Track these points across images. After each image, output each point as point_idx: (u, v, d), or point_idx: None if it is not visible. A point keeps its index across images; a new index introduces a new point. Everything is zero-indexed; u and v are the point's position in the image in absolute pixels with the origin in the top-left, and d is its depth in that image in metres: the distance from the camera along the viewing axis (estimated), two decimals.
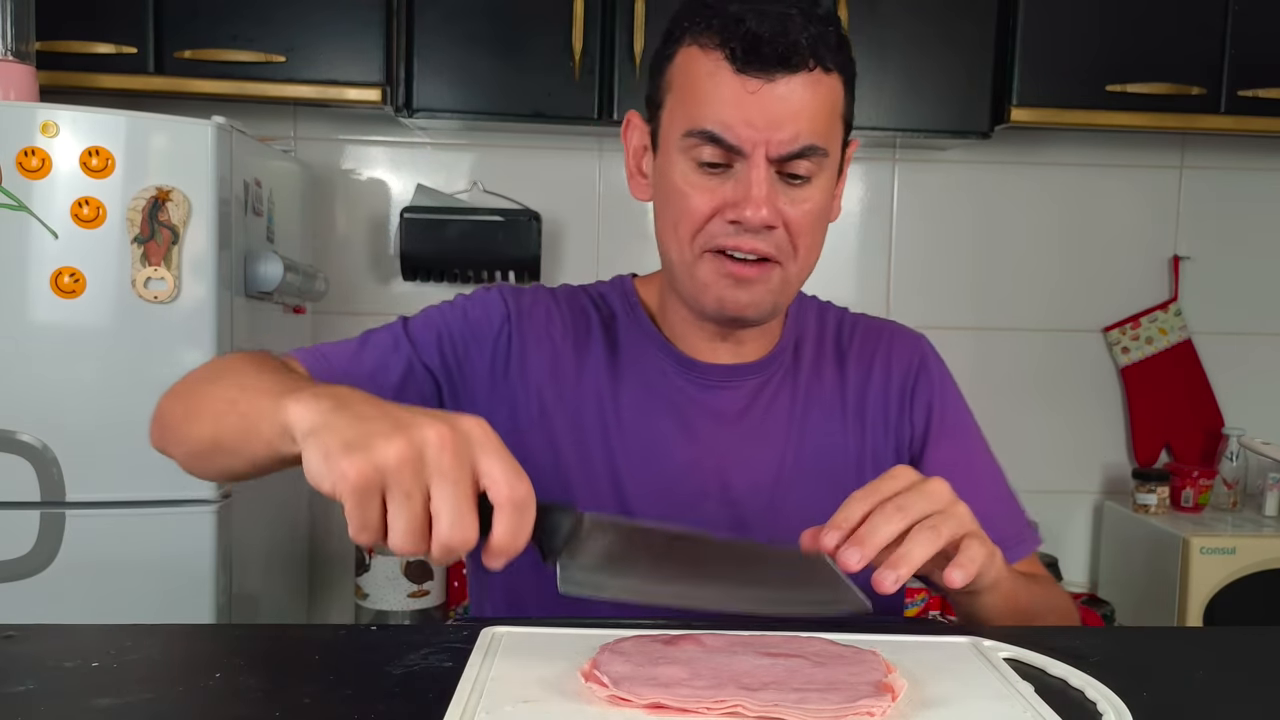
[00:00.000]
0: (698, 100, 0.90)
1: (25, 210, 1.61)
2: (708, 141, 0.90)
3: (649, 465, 0.99)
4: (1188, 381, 2.51)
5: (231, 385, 0.79)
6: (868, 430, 1.04)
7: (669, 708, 0.61)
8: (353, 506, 0.62)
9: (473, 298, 1.04)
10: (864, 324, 1.11)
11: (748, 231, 0.91)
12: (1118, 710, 0.63)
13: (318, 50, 2.04)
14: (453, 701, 0.61)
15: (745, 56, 0.88)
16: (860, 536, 0.74)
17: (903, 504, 0.76)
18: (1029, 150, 2.46)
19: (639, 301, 1.06)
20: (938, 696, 0.65)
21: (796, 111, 0.89)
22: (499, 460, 0.64)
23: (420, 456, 0.62)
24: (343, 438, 0.63)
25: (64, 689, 0.66)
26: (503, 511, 0.63)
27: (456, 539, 0.62)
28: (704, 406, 1.01)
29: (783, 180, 0.92)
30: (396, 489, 0.62)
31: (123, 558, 1.64)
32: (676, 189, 0.93)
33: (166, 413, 0.89)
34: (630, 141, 1.02)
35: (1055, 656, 0.72)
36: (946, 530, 0.76)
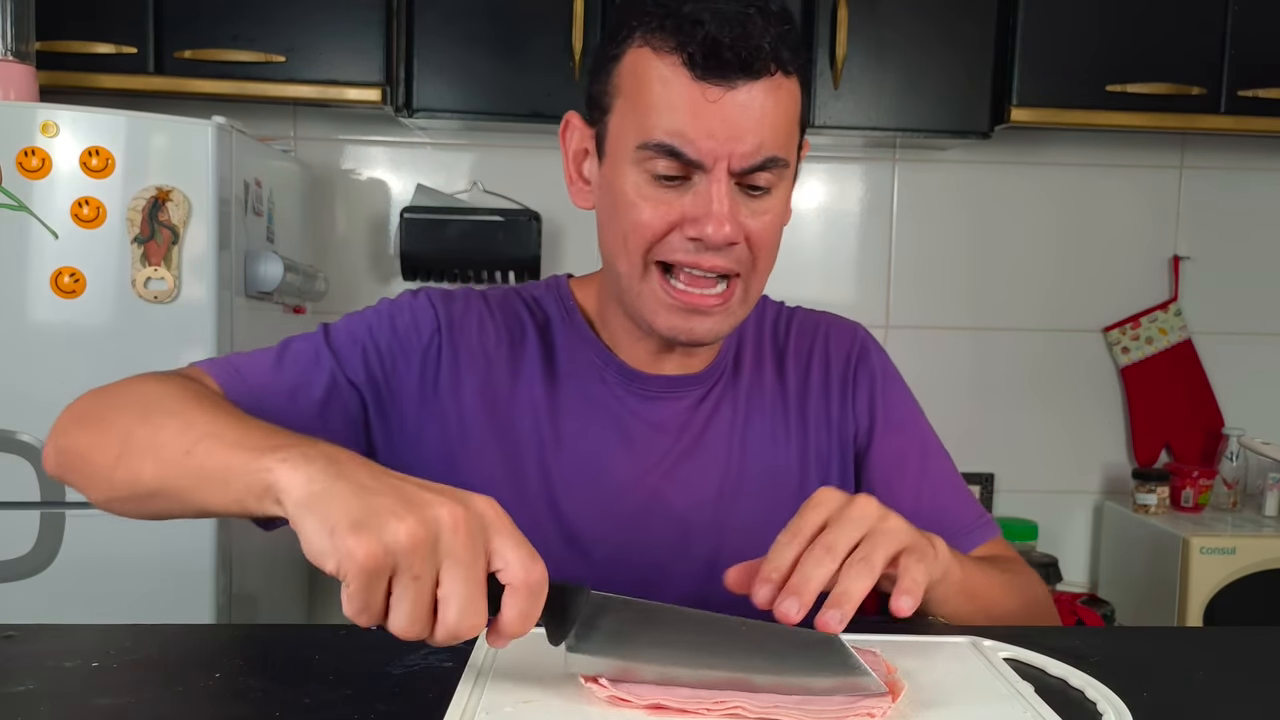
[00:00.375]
0: (652, 108, 0.84)
1: (25, 210, 1.61)
2: (665, 155, 0.84)
3: (589, 483, 0.94)
4: (1188, 381, 2.51)
5: (177, 429, 0.72)
6: (810, 431, 1.00)
7: (669, 708, 0.61)
8: (358, 589, 0.58)
9: (399, 305, 0.97)
10: (799, 318, 1.06)
11: (708, 249, 0.86)
12: (1118, 710, 0.63)
13: (318, 50, 2.04)
14: (453, 702, 0.61)
15: (705, 62, 0.82)
16: (794, 586, 0.71)
17: (831, 542, 0.72)
18: (1029, 150, 2.46)
19: (576, 305, 1.00)
20: (938, 696, 0.65)
21: (759, 121, 0.84)
22: (513, 543, 0.61)
23: (433, 538, 0.58)
24: (349, 514, 0.59)
25: (64, 689, 0.66)
26: (516, 596, 0.60)
27: (464, 627, 0.59)
28: (645, 419, 0.96)
29: (743, 191, 0.87)
30: (406, 573, 0.58)
31: (123, 558, 1.64)
32: (628, 200, 0.87)
33: (79, 445, 0.79)
34: (569, 144, 0.95)
35: (1055, 656, 0.72)
36: (880, 556, 0.72)
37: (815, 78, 2.12)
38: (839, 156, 2.46)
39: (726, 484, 0.96)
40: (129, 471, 0.73)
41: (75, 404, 0.83)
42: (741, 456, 0.97)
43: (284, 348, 0.93)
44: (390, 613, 0.59)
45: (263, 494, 0.64)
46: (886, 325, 2.48)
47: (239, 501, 0.66)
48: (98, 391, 0.83)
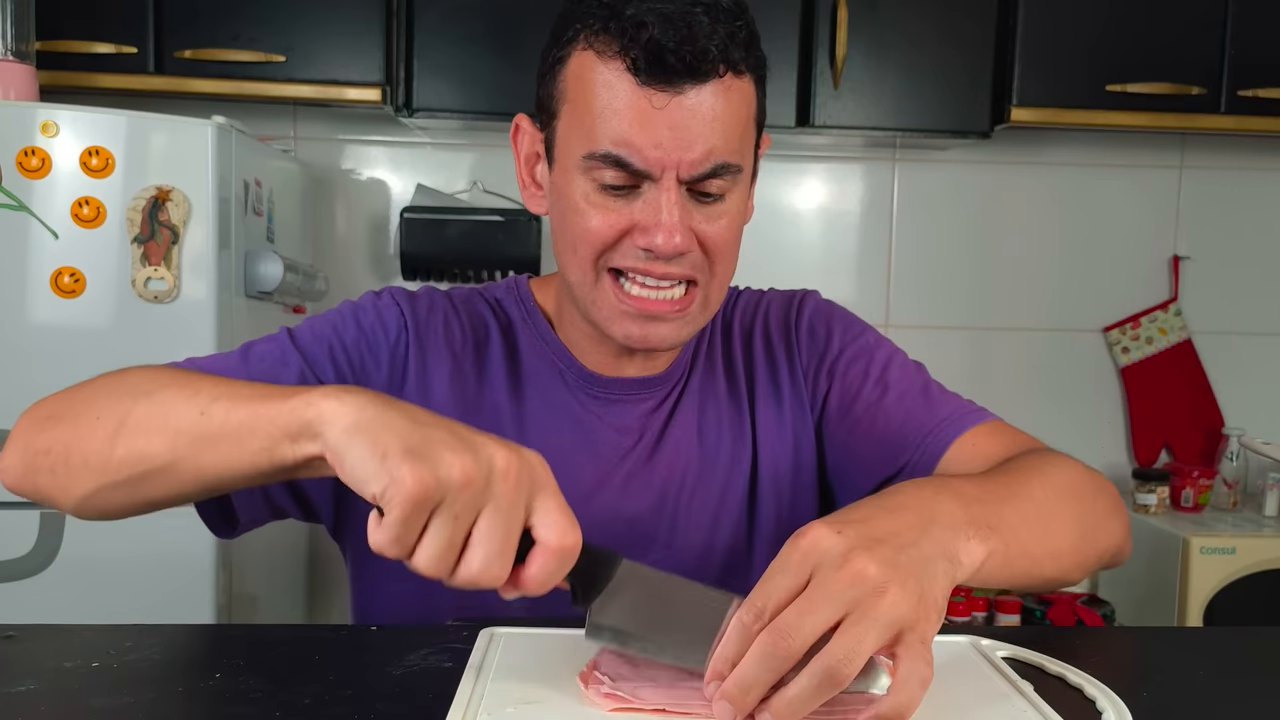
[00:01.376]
0: (598, 117, 0.81)
1: (25, 210, 1.61)
2: (611, 165, 0.81)
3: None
4: (1188, 381, 2.51)
5: (183, 398, 0.70)
6: (759, 414, 0.97)
7: (670, 711, 0.61)
8: (398, 517, 0.57)
9: (363, 305, 0.94)
10: (743, 301, 1.03)
11: (659, 258, 0.83)
12: (1117, 708, 0.63)
13: (317, 50, 2.04)
14: (454, 704, 0.61)
15: (649, 68, 0.79)
16: (727, 692, 0.58)
17: (789, 628, 0.57)
18: (1029, 150, 2.46)
19: (536, 306, 0.98)
20: (937, 695, 0.64)
21: (708, 126, 0.80)
22: (556, 503, 0.60)
23: (485, 479, 0.58)
24: (405, 440, 0.58)
25: (64, 689, 0.66)
26: (547, 557, 0.59)
27: (485, 577, 0.58)
28: (607, 423, 0.94)
29: (694, 198, 0.84)
30: (448, 509, 0.57)
31: (123, 558, 1.64)
32: (577, 209, 0.84)
33: (58, 441, 0.74)
34: (520, 148, 0.93)
35: (1054, 655, 0.72)
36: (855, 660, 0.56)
37: (815, 78, 2.13)
38: (839, 156, 2.46)
39: (685, 485, 0.95)
40: (130, 450, 0.70)
41: (35, 409, 0.79)
42: (699, 455, 0.96)
43: (246, 350, 0.90)
44: (419, 548, 0.58)
45: (300, 431, 0.62)
46: (886, 325, 2.48)
47: (267, 449, 0.64)
48: (57, 396, 0.79)
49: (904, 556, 0.60)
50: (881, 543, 0.60)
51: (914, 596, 0.59)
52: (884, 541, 0.60)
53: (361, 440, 0.59)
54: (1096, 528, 0.84)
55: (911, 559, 0.60)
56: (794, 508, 0.98)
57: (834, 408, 0.98)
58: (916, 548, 0.61)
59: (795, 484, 0.98)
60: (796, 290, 1.04)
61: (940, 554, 0.63)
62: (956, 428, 0.92)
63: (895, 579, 0.58)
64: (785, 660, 0.57)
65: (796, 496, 0.98)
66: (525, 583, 0.60)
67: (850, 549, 0.59)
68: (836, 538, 0.60)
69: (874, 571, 0.58)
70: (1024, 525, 0.73)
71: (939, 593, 0.61)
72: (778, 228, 2.43)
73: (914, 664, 0.58)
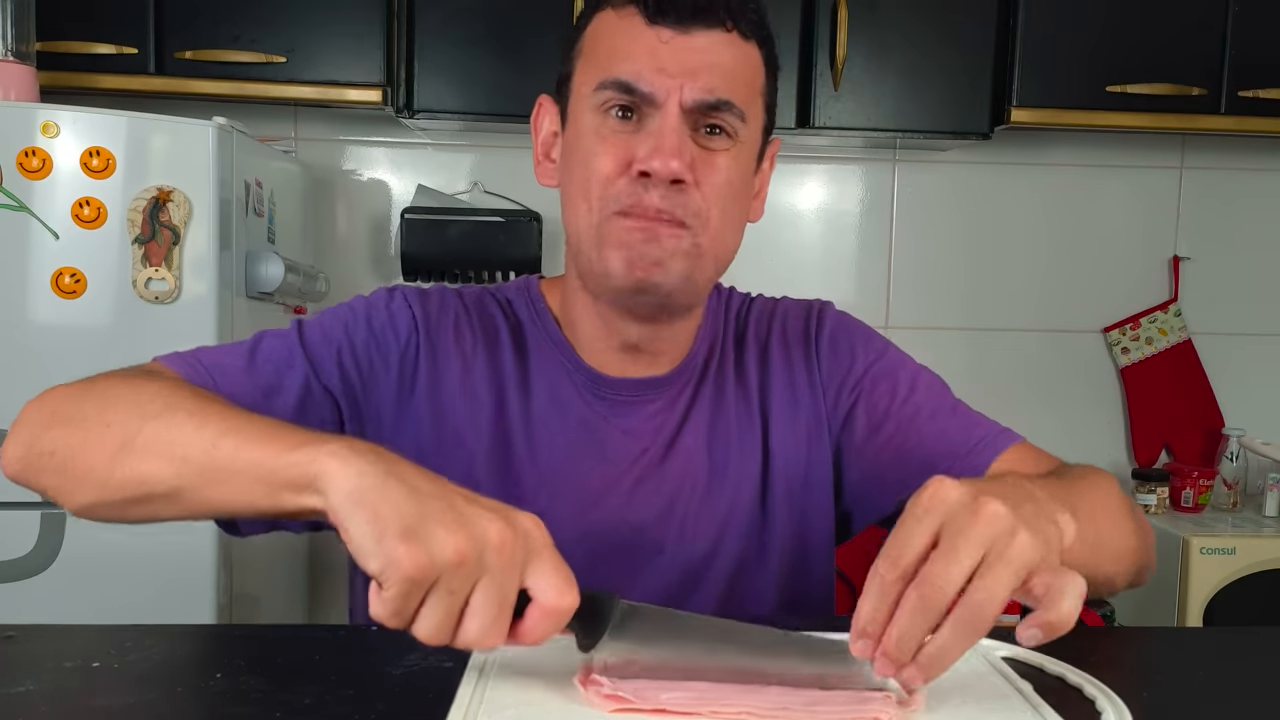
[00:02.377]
0: (608, 55, 0.87)
1: (26, 210, 1.61)
2: (619, 91, 0.85)
3: (563, 490, 0.92)
4: (1188, 382, 2.51)
5: (192, 426, 0.70)
6: (773, 422, 0.97)
7: (670, 710, 0.61)
8: (396, 595, 0.58)
9: (375, 304, 0.95)
10: (757, 307, 1.03)
11: (655, 187, 0.84)
12: (1116, 708, 0.63)
13: (318, 51, 2.04)
14: (455, 703, 0.61)
15: (658, 7, 0.85)
16: (889, 651, 0.60)
17: (939, 581, 0.59)
18: (1029, 151, 2.46)
19: (546, 307, 0.98)
20: (937, 696, 0.64)
21: (712, 64, 0.85)
22: (551, 568, 0.61)
23: (478, 556, 0.59)
24: (401, 519, 0.59)
25: (64, 689, 0.66)
26: (543, 618, 0.61)
27: (481, 645, 0.60)
28: (615, 426, 0.94)
29: (697, 140, 0.86)
30: (444, 586, 0.59)
31: (123, 558, 1.64)
32: (586, 149, 0.87)
33: (61, 446, 0.75)
34: (540, 127, 0.96)
35: (1054, 655, 0.72)
36: (998, 600, 0.59)
37: (815, 78, 2.13)
38: (839, 157, 2.47)
39: (695, 492, 0.95)
40: (133, 471, 0.71)
41: (41, 401, 0.79)
42: (709, 463, 0.95)
43: (255, 345, 0.91)
44: (418, 620, 0.59)
45: (303, 486, 0.64)
46: (886, 325, 2.48)
47: (270, 495, 0.66)
48: (64, 390, 0.79)
49: (1022, 510, 0.62)
50: (1002, 497, 0.62)
51: (1041, 539, 0.61)
52: (1002, 497, 0.62)
53: (361, 513, 0.60)
54: (1140, 540, 0.88)
55: (1029, 514, 0.62)
56: (806, 517, 0.97)
57: (860, 425, 0.97)
58: (1032, 504, 0.64)
59: (808, 494, 0.97)
60: (812, 300, 1.04)
61: (1046, 517, 0.64)
62: (991, 450, 0.94)
63: (1023, 525, 0.60)
64: (939, 611, 0.59)
65: (809, 507, 0.97)
66: (523, 638, 0.61)
67: (977, 494, 0.61)
68: (960, 488, 0.62)
69: (1005, 513, 0.60)
70: (1096, 521, 0.77)
71: (1056, 552, 0.63)
72: (778, 228, 2.43)
73: (1063, 577, 0.60)
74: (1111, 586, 0.86)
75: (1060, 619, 0.60)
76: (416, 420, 0.92)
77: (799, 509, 0.97)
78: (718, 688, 0.63)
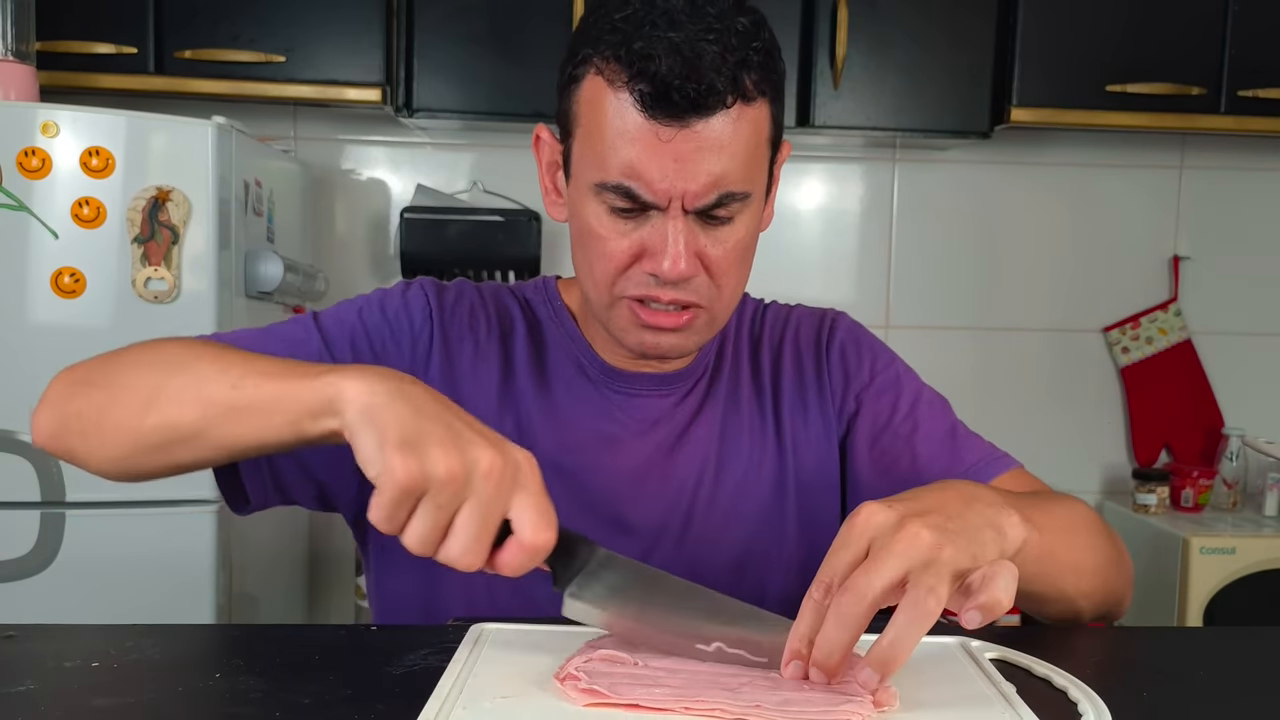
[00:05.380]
0: (606, 145, 0.83)
1: (25, 210, 1.61)
2: (620, 195, 0.83)
3: (571, 479, 0.93)
4: (1188, 381, 2.51)
5: (215, 371, 0.74)
6: (786, 426, 0.99)
7: (644, 706, 0.61)
8: (387, 501, 0.63)
9: (391, 293, 0.97)
10: (771, 313, 1.05)
11: (666, 283, 0.85)
12: (1098, 710, 0.63)
13: (317, 50, 2.04)
14: (432, 697, 0.62)
15: (655, 102, 0.79)
16: (816, 660, 0.64)
17: (861, 588, 0.62)
18: (1029, 150, 2.46)
19: (563, 305, 1.00)
20: (918, 697, 0.64)
21: (714, 156, 0.81)
22: (533, 504, 0.65)
23: (467, 476, 0.63)
24: (402, 431, 0.64)
25: (64, 689, 0.66)
26: (518, 551, 0.65)
27: (461, 563, 0.64)
28: (629, 416, 0.96)
29: (702, 222, 0.85)
30: (431, 500, 0.63)
31: (123, 558, 1.64)
32: (592, 232, 0.87)
33: (91, 406, 0.79)
34: (542, 157, 0.94)
35: (1051, 656, 0.72)
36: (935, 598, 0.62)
37: (815, 78, 2.13)
38: (839, 156, 2.47)
39: (703, 484, 0.96)
40: (163, 418, 0.75)
41: (68, 373, 0.83)
42: (719, 456, 0.97)
43: (270, 329, 0.94)
44: (407, 528, 0.64)
45: (322, 409, 0.68)
46: (886, 325, 2.49)
47: (292, 424, 0.70)
48: (90, 361, 0.83)
49: (953, 524, 0.66)
50: (931, 512, 0.66)
51: (970, 547, 0.65)
52: (933, 511, 0.66)
53: (367, 427, 0.65)
54: (1111, 563, 0.89)
55: (960, 526, 0.66)
56: (815, 516, 0.99)
57: (862, 435, 0.99)
58: (963, 518, 0.67)
59: (817, 494, 0.99)
60: (826, 309, 1.06)
61: (986, 524, 0.68)
62: (983, 476, 0.95)
63: (948, 541, 0.64)
64: (859, 619, 0.62)
65: (818, 507, 0.99)
66: (500, 567, 0.66)
67: (903, 518, 0.65)
68: (888, 511, 0.66)
69: (928, 535, 0.64)
70: (1053, 531, 0.79)
71: (991, 558, 0.67)
72: (778, 228, 2.42)
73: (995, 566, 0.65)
74: (1072, 606, 0.86)
75: (992, 599, 0.63)
76: None
77: (808, 508, 0.99)
78: (692, 685, 0.64)
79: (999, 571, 0.65)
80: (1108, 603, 0.89)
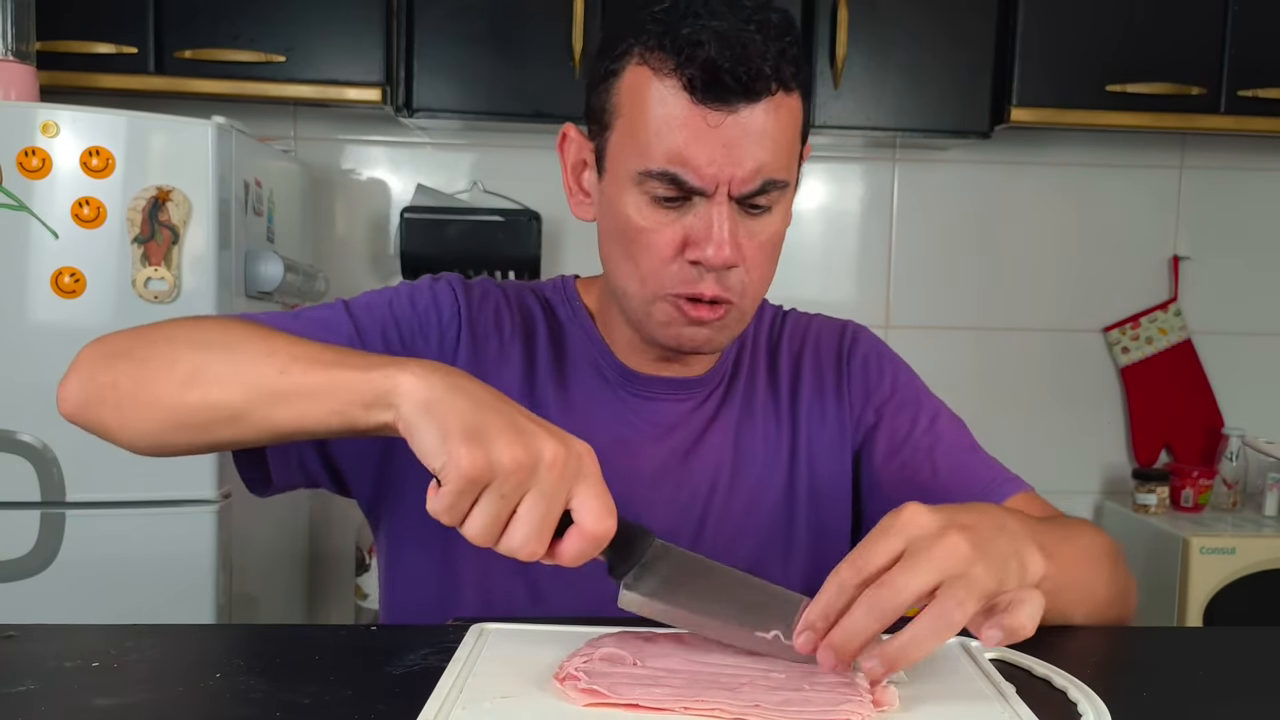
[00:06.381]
0: (654, 134, 0.83)
1: (25, 210, 1.61)
2: (667, 183, 0.84)
3: None
4: (1188, 381, 2.51)
5: (261, 354, 0.74)
6: (802, 435, 0.99)
7: (643, 706, 0.61)
8: (452, 491, 0.64)
9: (419, 287, 0.98)
10: (791, 321, 1.06)
11: (709, 272, 0.86)
12: (1097, 710, 0.63)
13: (317, 50, 2.04)
14: (431, 697, 0.62)
15: (705, 87, 0.80)
16: (834, 640, 0.64)
17: (899, 585, 0.63)
18: (1029, 150, 2.46)
19: (582, 305, 1.00)
20: (918, 696, 0.65)
21: (759, 143, 0.83)
22: (595, 493, 0.67)
23: (532, 467, 0.64)
24: (465, 423, 0.65)
25: (64, 689, 0.66)
26: (580, 539, 0.66)
27: (524, 551, 0.65)
28: (645, 419, 0.97)
29: (743, 211, 0.86)
30: (496, 489, 0.64)
31: (123, 558, 1.64)
32: (633, 224, 0.86)
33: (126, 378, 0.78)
34: (567, 156, 0.94)
35: (1050, 656, 0.72)
36: (960, 614, 0.62)
37: (815, 78, 2.13)
38: (839, 156, 2.47)
39: (718, 489, 0.96)
40: (205, 398, 0.75)
41: (100, 343, 0.83)
42: (734, 462, 0.97)
43: (300, 313, 0.94)
44: (469, 519, 0.65)
45: (374, 400, 0.69)
46: (886, 325, 2.49)
47: (341, 412, 0.71)
48: (124, 333, 0.83)
49: (988, 545, 0.66)
50: (969, 529, 0.66)
51: (998, 572, 0.65)
52: (971, 529, 0.66)
53: (429, 419, 0.66)
54: (1119, 594, 0.90)
55: (993, 550, 0.66)
56: (826, 525, 0.99)
57: (880, 448, 0.99)
58: (995, 543, 0.67)
59: (830, 503, 0.99)
60: (845, 321, 1.07)
61: (1012, 554, 0.68)
62: (999, 495, 0.96)
63: (982, 559, 0.65)
64: (891, 615, 0.63)
65: (829, 516, 0.99)
66: (560, 557, 0.67)
67: (945, 526, 0.65)
68: (931, 515, 0.66)
69: (965, 548, 0.64)
70: (1073, 564, 0.81)
71: (1012, 587, 0.67)
72: None
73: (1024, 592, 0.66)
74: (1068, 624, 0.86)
75: (1016, 623, 0.65)
76: None
77: (820, 517, 0.99)
78: (692, 685, 0.64)
79: (1027, 598, 0.66)
80: (1106, 624, 0.89)
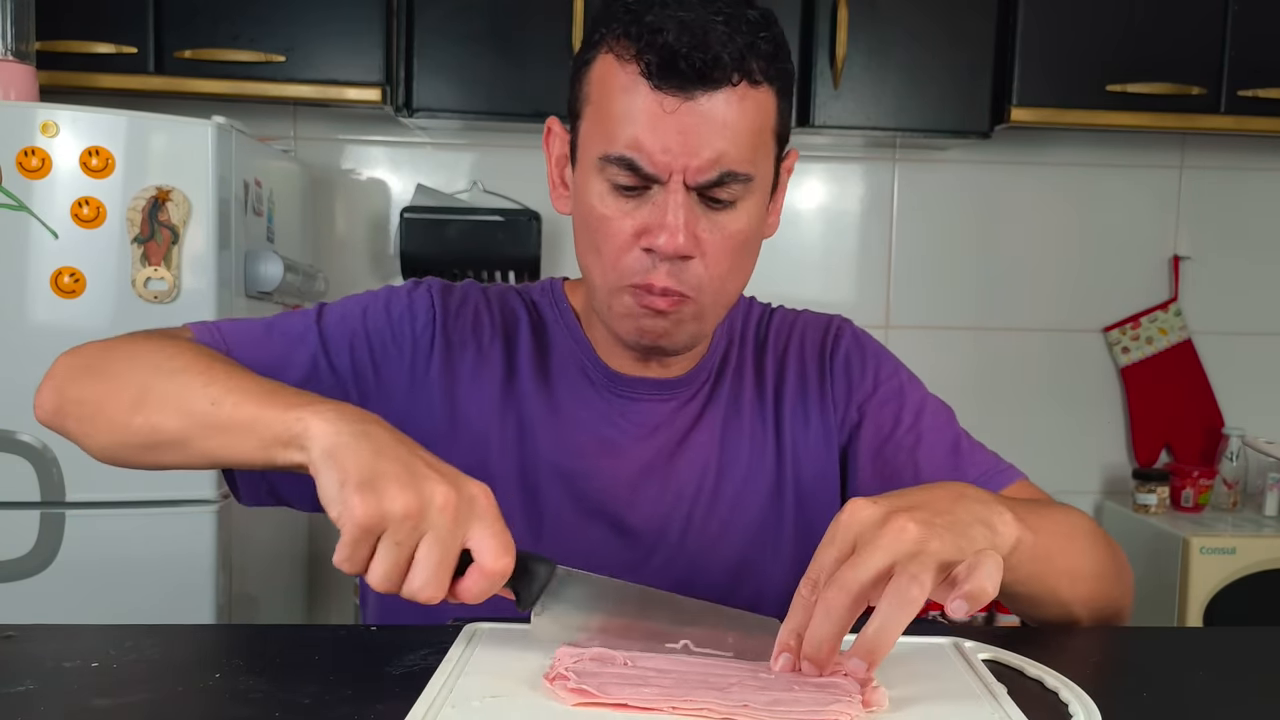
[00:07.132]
0: (613, 119, 0.84)
1: (25, 210, 1.61)
2: (623, 167, 0.83)
3: (571, 483, 0.94)
4: (1188, 381, 2.51)
5: (200, 384, 0.76)
6: (787, 433, 0.98)
7: (632, 706, 0.61)
8: (348, 540, 0.65)
9: (397, 293, 0.98)
10: (777, 319, 1.05)
11: (663, 261, 0.85)
12: (1088, 710, 0.63)
13: (317, 50, 2.04)
14: (421, 697, 0.62)
15: (661, 72, 0.81)
16: (807, 654, 0.65)
17: (846, 581, 0.64)
18: (1029, 150, 2.46)
19: (569, 306, 1.00)
20: (908, 697, 0.65)
21: (717, 132, 0.82)
22: (491, 532, 0.67)
23: (423, 512, 0.65)
24: (361, 471, 0.66)
25: (64, 689, 0.66)
26: (481, 578, 0.67)
27: (424, 596, 0.66)
28: (629, 420, 0.96)
29: (704, 203, 0.85)
30: (390, 537, 0.65)
31: (123, 558, 1.64)
32: (595, 213, 0.86)
33: (89, 394, 0.82)
34: (551, 150, 0.95)
35: (1047, 656, 0.72)
36: (918, 586, 0.63)
37: (815, 78, 2.13)
38: (839, 156, 2.47)
39: (703, 489, 0.96)
40: (146, 421, 0.78)
41: (74, 355, 0.86)
42: (720, 461, 0.97)
43: (274, 322, 0.95)
44: (371, 567, 0.66)
45: (289, 441, 0.71)
46: (886, 325, 2.49)
47: (263, 449, 0.73)
48: (96, 345, 0.86)
49: (940, 519, 0.67)
50: (918, 508, 0.67)
51: (954, 548, 0.66)
52: (920, 507, 0.67)
53: (331, 465, 0.67)
54: (1109, 571, 0.89)
55: (948, 522, 0.67)
56: (812, 524, 0.98)
57: (864, 446, 0.99)
58: (951, 514, 0.68)
59: (816, 501, 0.99)
60: (832, 316, 1.06)
61: (975, 520, 0.69)
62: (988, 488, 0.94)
63: (934, 535, 0.65)
64: (845, 612, 0.64)
65: (816, 515, 0.99)
66: (462, 596, 0.67)
67: (888, 513, 0.66)
68: (873, 507, 0.67)
69: (914, 529, 0.65)
70: (1049, 535, 0.80)
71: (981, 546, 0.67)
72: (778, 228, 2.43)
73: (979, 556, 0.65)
74: (1067, 611, 0.86)
75: (977, 587, 0.64)
76: (428, 405, 0.94)
77: (807, 516, 0.98)
78: (681, 684, 0.64)
79: (983, 560, 0.65)
80: (1105, 612, 0.89)
